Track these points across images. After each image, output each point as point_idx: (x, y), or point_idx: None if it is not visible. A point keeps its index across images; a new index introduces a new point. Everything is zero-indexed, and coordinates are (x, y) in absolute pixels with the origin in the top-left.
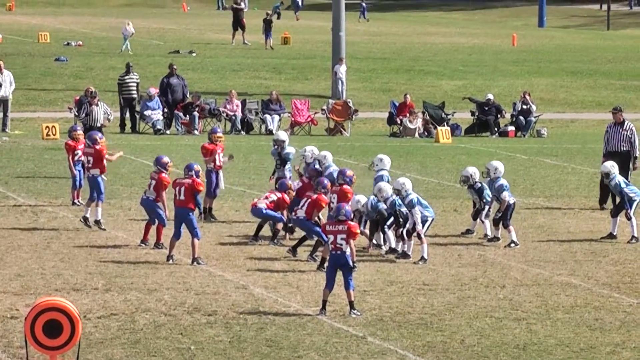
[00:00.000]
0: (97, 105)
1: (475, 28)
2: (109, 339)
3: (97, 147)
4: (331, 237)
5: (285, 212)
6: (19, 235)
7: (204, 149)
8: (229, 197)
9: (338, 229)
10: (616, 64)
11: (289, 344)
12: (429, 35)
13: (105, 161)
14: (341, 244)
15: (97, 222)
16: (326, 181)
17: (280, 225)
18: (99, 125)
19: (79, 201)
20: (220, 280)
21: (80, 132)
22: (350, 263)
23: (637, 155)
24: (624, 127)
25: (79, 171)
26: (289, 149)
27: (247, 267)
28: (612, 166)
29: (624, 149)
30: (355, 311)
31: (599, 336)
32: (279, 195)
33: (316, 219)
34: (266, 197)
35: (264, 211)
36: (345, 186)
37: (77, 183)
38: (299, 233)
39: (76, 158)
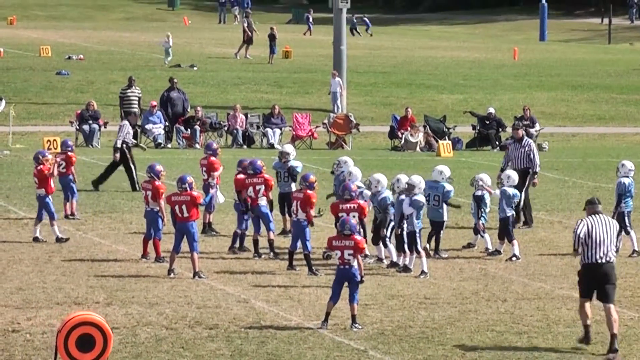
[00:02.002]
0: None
1: (476, 42)
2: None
3: (40, 167)
4: (338, 253)
5: (288, 222)
6: (20, 249)
7: (217, 164)
8: (230, 211)
9: (345, 244)
10: (617, 77)
11: (290, 357)
12: (430, 49)
13: (51, 180)
14: (349, 259)
15: (59, 239)
16: (312, 176)
17: (272, 235)
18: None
19: (75, 214)
20: (222, 294)
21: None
22: (358, 277)
23: (536, 170)
24: (522, 144)
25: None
26: (296, 163)
27: (248, 281)
28: (631, 168)
29: (523, 166)
30: (356, 325)
31: (600, 350)
32: (259, 180)
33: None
34: (255, 192)
35: (263, 209)
36: (360, 201)
37: (69, 193)
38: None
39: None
